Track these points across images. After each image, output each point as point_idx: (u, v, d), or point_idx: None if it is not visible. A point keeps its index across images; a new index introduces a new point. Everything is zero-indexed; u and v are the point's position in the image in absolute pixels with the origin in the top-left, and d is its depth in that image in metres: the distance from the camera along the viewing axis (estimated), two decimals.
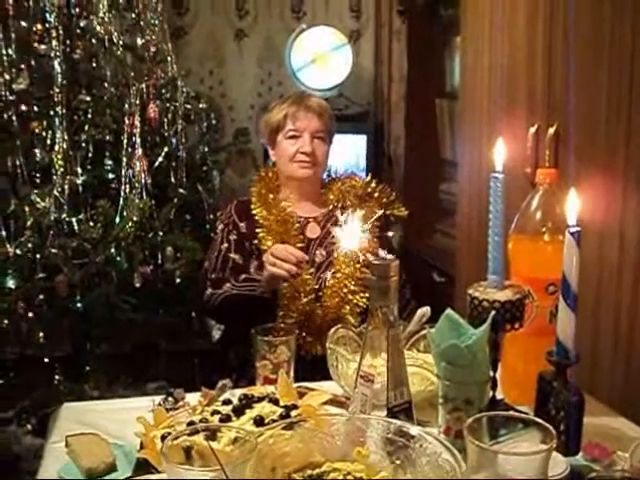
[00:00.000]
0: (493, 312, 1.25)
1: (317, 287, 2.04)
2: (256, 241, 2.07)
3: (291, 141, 2.11)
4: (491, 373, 1.26)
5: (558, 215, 1.39)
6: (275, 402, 1.35)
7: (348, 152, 3.77)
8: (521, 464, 0.86)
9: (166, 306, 2.79)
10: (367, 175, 2.26)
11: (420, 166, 4.06)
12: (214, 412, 1.32)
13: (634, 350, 1.73)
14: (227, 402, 1.37)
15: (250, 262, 2.06)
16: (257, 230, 2.06)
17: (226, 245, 2.11)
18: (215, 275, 2.08)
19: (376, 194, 2.14)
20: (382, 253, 1.17)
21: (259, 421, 1.27)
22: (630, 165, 1.72)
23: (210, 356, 2.62)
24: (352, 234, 1.60)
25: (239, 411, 1.31)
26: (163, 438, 1.22)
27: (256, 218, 2.08)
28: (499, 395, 1.38)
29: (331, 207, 2.16)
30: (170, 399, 1.45)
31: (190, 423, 1.25)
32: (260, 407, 1.32)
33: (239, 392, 1.42)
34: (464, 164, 2.76)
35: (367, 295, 1.98)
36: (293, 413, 1.30)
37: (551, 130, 2.01)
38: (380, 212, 2.03)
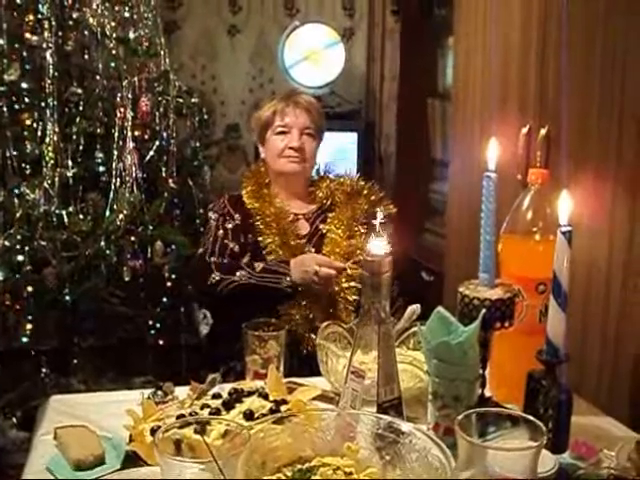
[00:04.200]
0: (484, 310, 1.25)
1: None
2: (250, 235, 2.07)
3: (280, 137, 2.12)
4: (480, 371, 1.26)
5: (549, 215, 1.40)
6: (265, 397, 1.36)
7: (338, 150, 3.76)
8: (511, 460, 0.87)
9: (154, 300, 2.78)
10: (357, 173, 2.26)
11: (410, 165, 4.06)
12: (203, 406, 1.32)
13: (621, 350, 1.74)
14: (217, 396, 1.37)
15: (245, 253, 2.06)
16: (256, 223, 2.06)
17: (222, 232, 2.10)
18: (216, 259, 2.05)
19: (365, 192, 2.14)
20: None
21: (249, 415, 1.27)
22: (621, 166, 1.74)
23: (197, 351, 2.62)
24: None
25: (229, 405, 1.31)
26: (152, 431, 1.22)
27: (251, 212, 2.09)
28: (487, 393, 1.38)
29: (320, 204, 2.16)
30: (159, 392, 1.44)
31: (179, 416, 1.25)
32: (250, 401, 1.33)
33: (228, 386, 1.42)
34: (455, 163, 2.77)
35: (358, 291, 1.98)
36: (283, 408, 1.31)
37: (543, 131, 2.02)
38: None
